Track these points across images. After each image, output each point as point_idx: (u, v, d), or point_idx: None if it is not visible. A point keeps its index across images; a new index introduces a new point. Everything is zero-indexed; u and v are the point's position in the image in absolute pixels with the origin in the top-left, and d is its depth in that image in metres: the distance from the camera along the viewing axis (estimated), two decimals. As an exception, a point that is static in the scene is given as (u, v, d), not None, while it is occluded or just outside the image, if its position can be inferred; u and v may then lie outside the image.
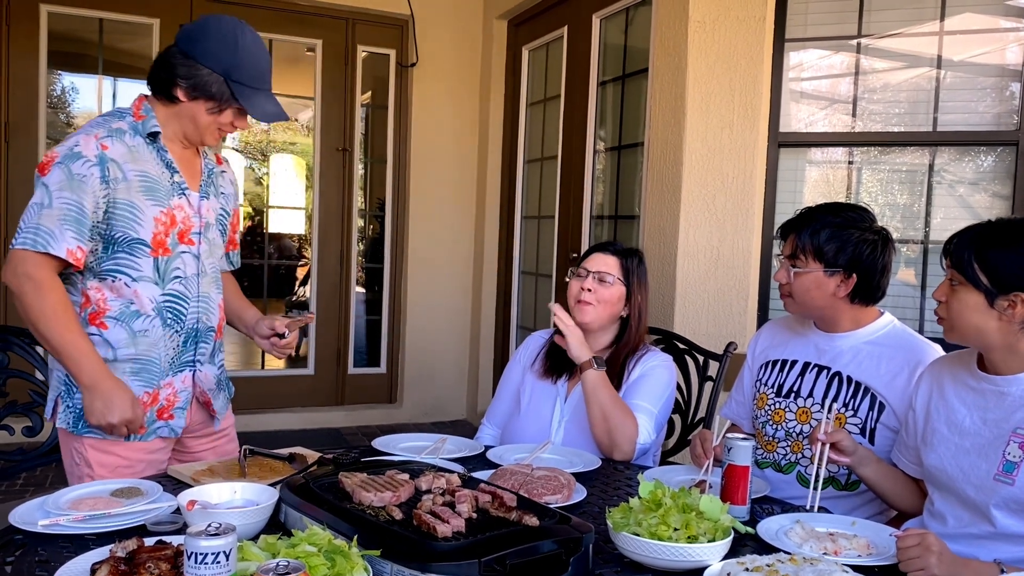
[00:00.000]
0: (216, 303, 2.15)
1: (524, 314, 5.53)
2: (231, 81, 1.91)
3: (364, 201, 6.02)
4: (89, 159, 1.88)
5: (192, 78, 1.92)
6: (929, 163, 3.43)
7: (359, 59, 5.57)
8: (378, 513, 1.44)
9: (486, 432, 2.49)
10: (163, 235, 1.98)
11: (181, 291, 2.03)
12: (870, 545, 1.59)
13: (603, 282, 2.31)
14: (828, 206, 2.08)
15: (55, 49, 4.91)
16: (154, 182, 1.97)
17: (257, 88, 1.94)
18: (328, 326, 5.64)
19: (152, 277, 1.98)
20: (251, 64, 1.92)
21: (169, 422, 2.07)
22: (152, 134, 1.98)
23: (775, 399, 2.13)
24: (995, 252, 1.61)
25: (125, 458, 2.00)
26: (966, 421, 1.70)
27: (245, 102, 1.93)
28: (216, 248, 2.14)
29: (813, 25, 3.56)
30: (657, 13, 3.82)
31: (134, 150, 1.95)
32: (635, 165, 4.24)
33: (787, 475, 2.07)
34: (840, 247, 1.99)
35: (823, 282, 2.01)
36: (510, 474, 1.83)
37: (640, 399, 2.24)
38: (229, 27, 1.93)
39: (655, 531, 1.45)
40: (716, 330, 3.56)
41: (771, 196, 3.57)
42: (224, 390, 2.24)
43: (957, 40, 3.34)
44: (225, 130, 2.01)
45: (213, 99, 1.94)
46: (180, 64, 1.93)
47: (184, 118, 1.98)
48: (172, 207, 1.99)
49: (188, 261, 2.04)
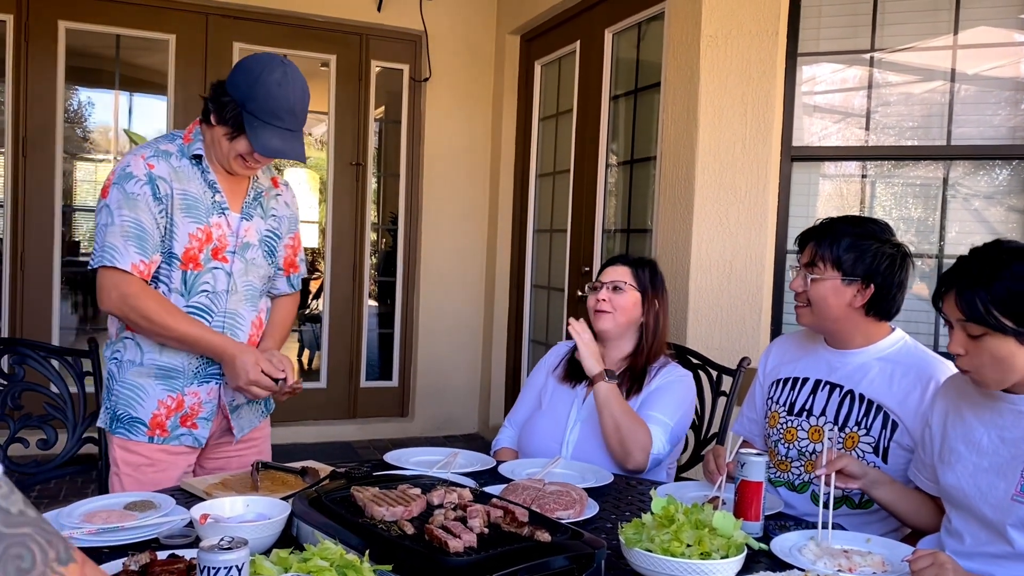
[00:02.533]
0: (247, 320, 2.19)
1: (536, 328, 5.53)
2: (244, 111, 1.98)
3: (377, 215, 6.05)
4: (140, 178, 2.01)
5: (216, 103, 2.03)
6: (943, 177, 3.42)
7: (373, 74, 5.61)
8: (390, 527, 1.44)
9: (505, 433, 2.51)
10: (196, 250, 2.07)
11: (206, 304, 2.10)
12: (885, 562, 1.58)
13: (617, 290, 2.36)
14: (849, 218, 2.07)
15: (72, 64, 4.97)
16: (194, 200, 2.07)
17: (267, 123, 1.98)
18: (341, 339, 5.65)
19: (179, 288, 2.07)
20: (267, 98, 1.96)
21: (193, 431, 2.14)
22: (195, 156, 2.08)
23: (787, 418, 2.11)
24: (1005, 288, 1.53)
25: (147, 457, 2.10)
26: (984, 440, 1.68)
27: (250, 132, 1.98)
28: (256, 268, 2.19)
29: (826, 39, 3.56)
30: (669, 28, 3.83)
31: (179, 170, 2.07)
32: (647, 179, 4.25)
33: (802, 494, 2.05)
34: (858, 256, 1.98)
35: (840, 291, 2.00)
36: (522, 489, 1.82)
37: (656, 411, 2.25)
38: (260, 62, 2.00)
39: (668, 547, 1.44)
40: (729, 344, 3.54)
41: (784, 210, 3.56)
42: (257, 404, 2.29)
43: (971, 54, 3.33)
44: (248, 161, 2.06)
45: (227, 125, 2.01)
46: (215, 90, 2.04)
47: (216, 143, 2.07)
48: (211, 224, 2.09)
49: (219, 277, 2.11)
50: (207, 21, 5.14)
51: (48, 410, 2.40)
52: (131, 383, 2.11)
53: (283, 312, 2.36)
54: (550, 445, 2.32)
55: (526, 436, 2.42)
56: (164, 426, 2.11)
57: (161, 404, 2.11)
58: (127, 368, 2.11)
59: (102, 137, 5.45)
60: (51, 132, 4.89)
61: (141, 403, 2.11)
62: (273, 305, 2.34)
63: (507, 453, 2.44)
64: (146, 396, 2.11)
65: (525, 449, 2.39)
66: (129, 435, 2.10)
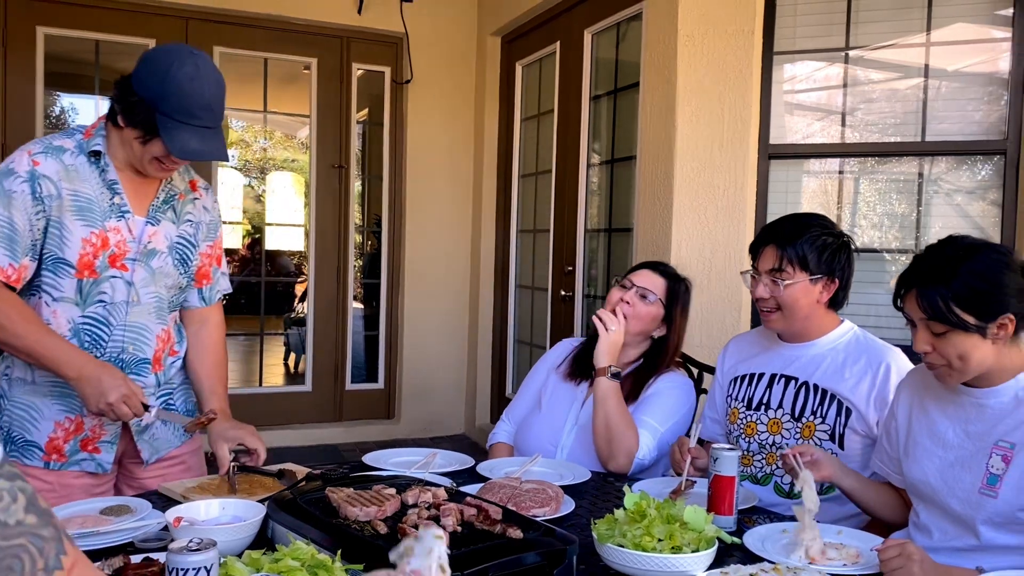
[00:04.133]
0: (152, 334, 2.02)
1: (521, 328, 5.55)
2: (157, 112, 1.81)
3: (362, 217, 6.05)
4: (20, 175, 1.84)
5: (124, 104, 1.86)
6: (919, 172, 3.45)
7: (354, 77, 5.61)
8: (363, 527, 1.45)
9: (502, 428, 2.51)
10: (91, 257, 1.90)
11: (103, 316, 1.94)
12: (859, 554, 1.60)
13: (644, 298, 2.31)
14: (796, 217, 2.14)
15: (52, 70, 4.95)
16: (88, 202, 1.90)
17: (183, 123, 1.81)
18: (325, 342, 5.65)
19: (73, 298, 1.91)
20: (180, 96, 1.80)
21: (95, 456, 1.99)
22: (94, 152, 1.91)
23: (746, 412, 2.15)
24: (964, 284, 1.55)
25: (48, 483, 1.94)
26: (948, 433, 1.70)
27: (165, 135, 1.81)
28: (164, 277, 2.03)
29: (802, 38, 3.58)
30: (647, 28, 3.85)
31: (72, 169, 1.89)
32: (629, 178, 4.27)
33: (765, 486, 2.10)
34: (820, 253, 2.03)
35: (809, 290, 2.04)
36: (498, 487, 1.83)
37: (648, 415, 2.24)
38: (168, 57, 1.83)
39: (639, 542, 1.46)
40: (710, 342, 3.56)
41: (762, 208, 3.59)
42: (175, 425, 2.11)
43: (945, 50, 3.37)
44: (165, 163, 1.89)
45: (139, 128, 1.84)
46: (121, 89, 1.87)
47: (126, 144, 1.91)
48: (107, 229, 1.92)
49: (118, 287, 1.95)
50: (187, 25, 5.13)
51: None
52: (23, 402, 1.94)
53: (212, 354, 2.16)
54: (545, 447, 2.32)
55: (522, 435, 2.42)
56: (62, 450, 1.95)
57: (58, 426, 1.94)
58: (18, 386, 1.94)
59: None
60: (31, 137, 4.86)
61: (35, 425, 1.94)
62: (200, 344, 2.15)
63: (502, 448, 2.44)
64: (41, 417, 1.93)
65: (521, 448, 2.39)
66: (22, 459, 1.92)
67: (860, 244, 3.57)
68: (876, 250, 3.54)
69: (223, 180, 6.86)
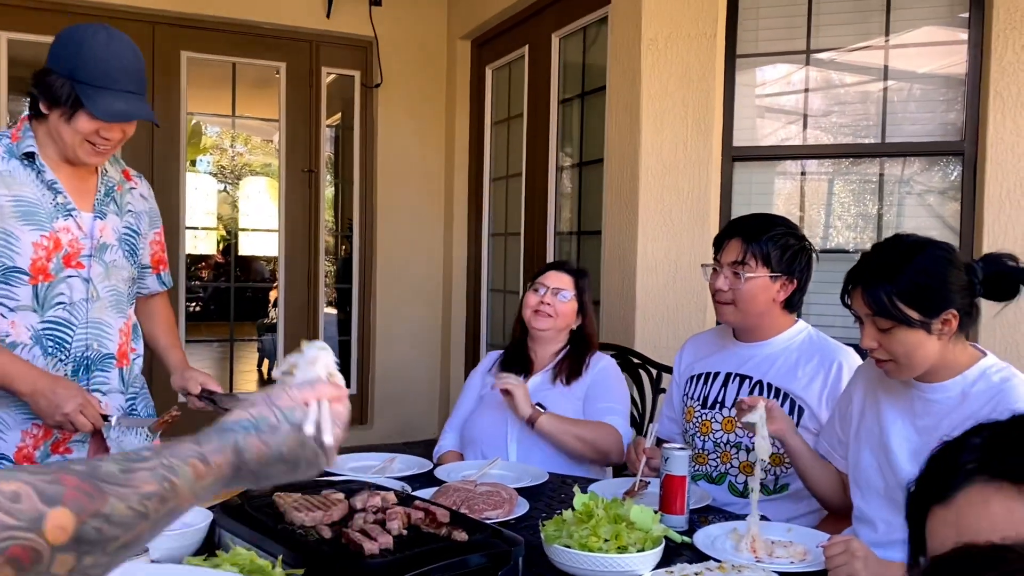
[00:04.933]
0: (115, 328, 2.02)
1: (494, 332, 5.54)
2: (75, 82, 1.77)
3: (335, 222, 6.03)
4: None
5: (42, 85, 1.82)
6: (880, 173, 3.49)
7: (324, 81, 5.59)
8: (308, 532, 1.45)
9: (447, 439, 2.55)
10: (44, 260, 1.88)
11: (64, 317, 1.92)
12: (806, 552, 1.61)
13: (560, 297, 2.47)
14: (762, 215, 2.16)
15: (16, 75, 4.90)
16: (32, 205, 1.87)
17: (103, 87, 1.78)
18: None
19: (30, 305, 1.88)
20: (96, 61, 1.77)
21: (67, 456, 1.96)
22: (27, 155, 1.88)
23: (701, 411, 2.17)
24: (908, 280, 1.58)
25: None
26: (897, 425, 1.72)
27: (87, 101, 1.77)
28: (118, 270, 2.02)
29: (764, 41, 3.61)
30: (612, 32, 3.87)
31: (6, 175, 1.86)
32: (598, 181, 4.28)
33: (719, 485, 2.11)
34: (782, 252, 2.06)
35: (768, 287, 2.07)
36: (453, 491, 1.84)
37: (607, 402, 2.37)
38: (81, 31, 1.82)
39: (586, 542, 1.46)
40: (676, 343, 3.55)
41: (727, 209, 3.61)
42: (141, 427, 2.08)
43: (905, 53, 3.40)
44: (96, 142, 1.85)
45: (61, 104, 1.80)
46: (38, 75, 1.84)
47: (53, 133, 1.86)
48: (56, 230, 1.89)
49: (75, 286, 1.93)
50: (153, 30, 5.08)
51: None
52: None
53: (166, 317, 2.24)
54: (494, 428, 2.37)
55: (468, 432, 2.47)
56: (32, 458, 1.92)
57: (26, 435, 1.91)
58: None
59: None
60: (-5, 144, 4.82)
61: (2, 436, 1.90)
62: (150, 312, 2.19)
63: (451, 456, 2.47)
64: (6, 428, 1.90)
65: (469, 438, 2.43)
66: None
67: (825, 245, 3.61)
68: (843, 250, 3.57)
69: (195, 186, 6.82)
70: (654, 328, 3.62)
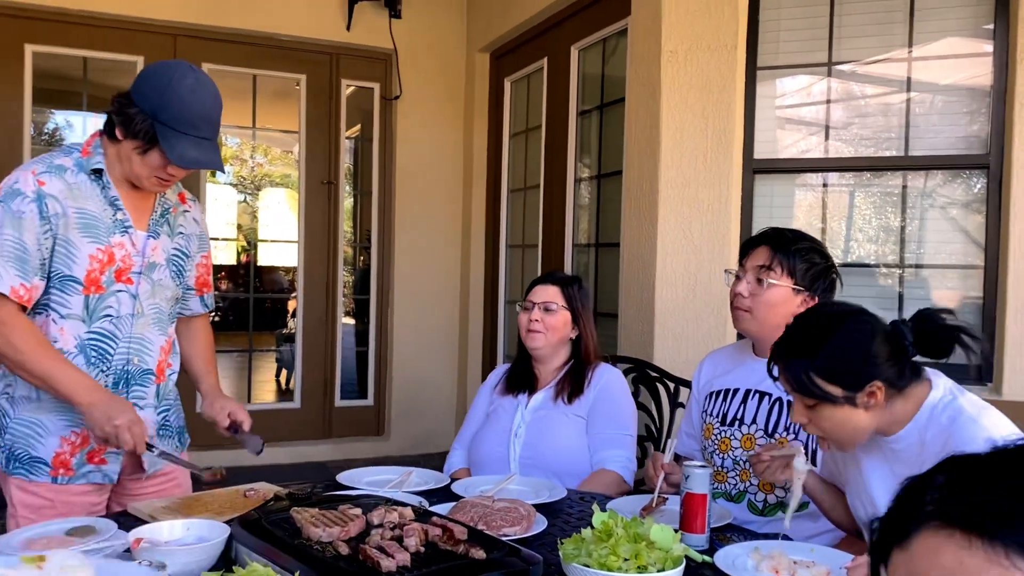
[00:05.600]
0: (156, 345, 2.07)
1: (511, 344, 5.53)
2: (156, 122, 1.85)
3: (354, 233, 6.05)
4: (27, 195, 1.87)
5: (123, 116, 1.89)
6: (903, 186, 3.45)
7: (343, 93, 5.62)
8: (325, 548, 1.43)
9: (456, 455, 2.56)
10: (98, 272, 1.94)
11: (110, 330, 1.98)
12: (829, 573, 1.58)
13: (548, 311, 2.45)
14: (794, 230, 2.13)
15: (40, 87, 4.95)
16: (93, 219, 1.94)
17: (183, 132, 1.86)
18: (314, 359, 5.63)
19: (80, 315, 1.94)
20: (180, 107, 1.85)
21: (102, 467, 2.01)
22: (95, 171, 1.95)
23: (720, 428, 2.14)
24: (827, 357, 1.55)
25: (48, 499, 1.95)
26: (876, 474, 1.70)
27: (165, 143, 1.85)
28: (163, 289, 2.07)
29: (785, 53, 3.59)
30: (632, 44, 3.86)
31: (75, 187, 1.93)
32: (616, 193, 4.26)
33: (738, 504, 2.08)
34: (808, 268, 2.03)
35: (789, 299, 2.03)
36: (470, 506, 1.82)
37: (612, 428, 2.34)
38: (168, 71, 1.88)
39: (605, 561, 1.44)
40: (696, 357, 3.52)
41: (747, 222, 3.58)
42: (171, 437, 2.16)
43: (928, 65, 3.37)
44: (161, 176, 1.93)
45: (138, 139, 1.88)
46: (120, 102, 1.91)
47: (123, 158, 1.94)
48: (112, 244, 1.96)
49: (123, 300, 1.99)
50: (175, 42, 5.13)
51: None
52: (27, 419, 1.96)
53: (205, 339, 2.27)
54: (497, 450, 2.36)
55: (475, 447, 2.48)
56: (68, 464, 1.97)
57: (64, 441, 1.96)
58: (21, 404, 1.96)
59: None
60: (18, 154, 4.86)
61: (41, 441, 1.95)
62: (190, 333, 2.23)
63: (462, 474, 2.47)
64: (46, 433, 1.95)
65: (475, 459, 2.43)
66: (29, 475, 1.94)
67: (847, 258, 3.57)
68: (864, 264, 3.53)
69: (216, 196, 6.87)
70: (673, 342, 3.59)
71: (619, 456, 2.31)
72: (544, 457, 2.28)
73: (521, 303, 2.52)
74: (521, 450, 2.35)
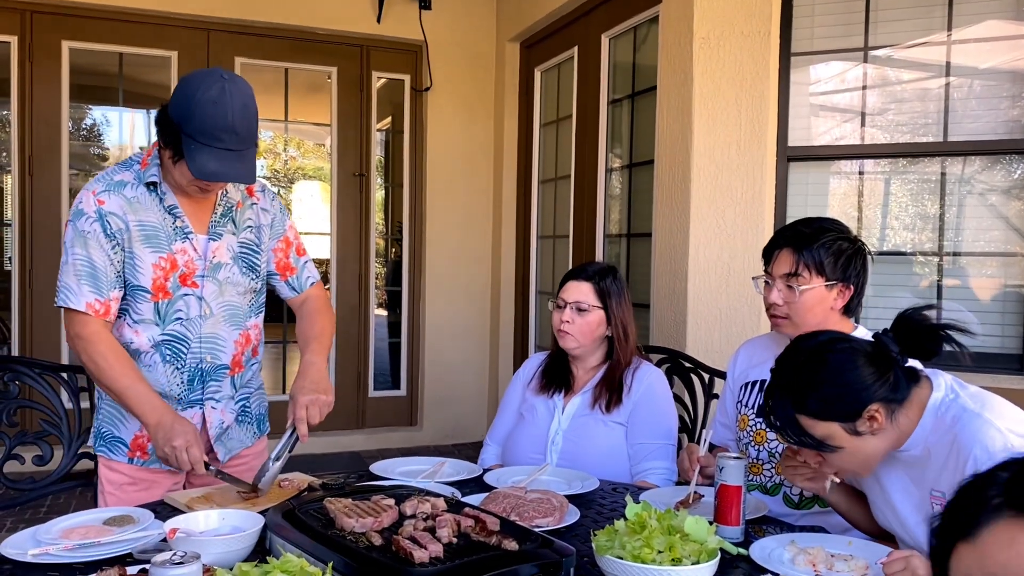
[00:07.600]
0: (229, 341, 2.12)
1: (542, 334, 5.52)
2: (183, 133, 1.88)
3: (386, 225, 6.07)
4: (89, 215, 1.95)
5: (159, 125, 1.95)
6: (942, 172, 3.38)
7: (374, 85, 5.63)
8: (358, 539, 1.44)
9: (489, 451, 2.52)
10: (163, 280, 2.01)
11: (182, 332, 2.05)
12: (867, 567, 1.56)
13: (581, 311, 2.35)
14: (811, 221, 2.06)
15: (77, 83, 5.03)
16: (154, 229, 2.01)
17: (204, 144, 1.86)
18: (348, 350, 5.67)
19: (152, 319, 2.03)
20: (203, 118, 1.85)
21: None
22: (150, 183, 2.00)
23: (755, 420, 2.10)
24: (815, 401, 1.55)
25: (129, 476, 2.09)
26: (895, 482, 1.68)
27: (187, 155, 1.87)
28: (232, 286, 2.11)
29: (819, 38, 3.53)
30: (663, 31, 3.82)
31: (134, 201, 1.99)
32: (648, 183, 4.23)
33: (774, 496, 2.05)
34: (836, 258, 1.98)
35: (824, 297, 1.98)
36: (502, 497, 1.82)
37: (653, 438, 2.29)
38: (195, 80, 1.89)
39: (638, 554, 1.43)
40: (730, 347, 3.51)
41: (781, 211, 3.54)
42: (249, 424, 2.24)
43: (967, 48, 3.30)
44: (199, 184, 1.94)
45: (170, 149, 1.92)
46: (160, 112, 1.96)
47: (166, 166, 1.99)
48: (174, 251, 2.02)
49: (191, 303, 2.05)
50: (208, 37, 5.18)
51: (44, 426, 2.42)
52: (115, 404, 2.07)
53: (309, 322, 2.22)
54: (533, 457, 2.32)
55: (510, 449, 2.42)
56: (145, 448, 2.08)
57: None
58: None
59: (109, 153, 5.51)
60: (57, 150, 4.95)
61: (124, 424, 2.09)
62: (300, 315, 2.26)
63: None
64: (127, 418, 2.07)
65: (509, 463, 2.38)
66: (111, 454, 2.09)
67: (883, 247, 3.51)
68: (901, 252, 3.47)
69: (248, 189, 6.93)
70: (706, 332, 3.56)
71: (661, 468, 2.25)
72: (583, 468, 2.23)
73: (554, 300, 2.44)
74: (558, 459, 2.30)
